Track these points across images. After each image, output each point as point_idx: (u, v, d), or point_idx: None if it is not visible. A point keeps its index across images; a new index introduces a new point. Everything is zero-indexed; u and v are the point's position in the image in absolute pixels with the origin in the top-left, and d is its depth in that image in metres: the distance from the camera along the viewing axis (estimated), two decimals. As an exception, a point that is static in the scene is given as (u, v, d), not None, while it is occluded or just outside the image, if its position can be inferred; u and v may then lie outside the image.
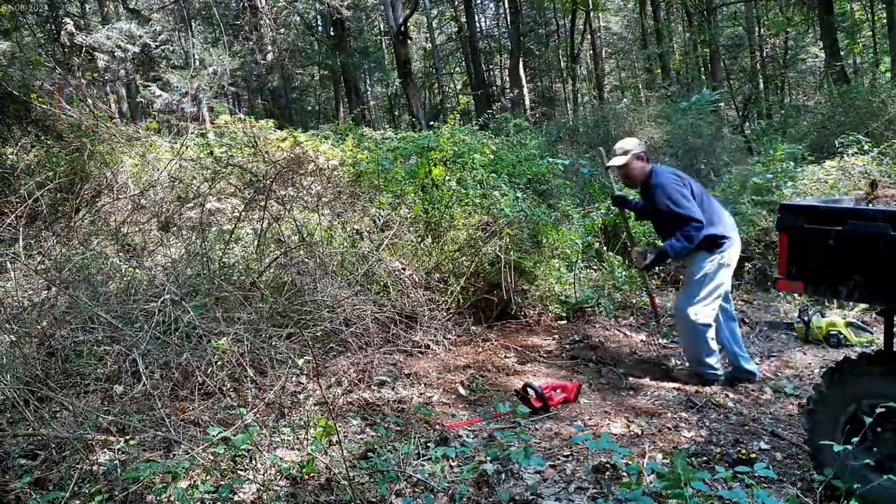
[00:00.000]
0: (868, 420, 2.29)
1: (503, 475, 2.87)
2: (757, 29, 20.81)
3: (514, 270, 5.40)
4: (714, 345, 4.13)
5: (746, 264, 6.29)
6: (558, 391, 3.89)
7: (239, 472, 2.61)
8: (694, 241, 3.97)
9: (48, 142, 6.45)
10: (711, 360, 4.13)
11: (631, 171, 4.21)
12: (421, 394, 3.92)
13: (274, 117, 9.96)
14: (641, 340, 5.13)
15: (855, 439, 2.31)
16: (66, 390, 3.17)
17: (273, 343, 3.81)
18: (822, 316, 4.94)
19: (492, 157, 7.99)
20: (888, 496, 2.33)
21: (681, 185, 4.08)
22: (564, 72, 24.48)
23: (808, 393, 3.00)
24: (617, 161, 4.20)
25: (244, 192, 6.68)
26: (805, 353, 4.68)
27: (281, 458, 2.71)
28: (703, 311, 4.05)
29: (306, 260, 5.02)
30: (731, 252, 4.08)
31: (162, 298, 3.63)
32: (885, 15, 15.86)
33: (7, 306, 3.81)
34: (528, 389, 3.76)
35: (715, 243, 4.03)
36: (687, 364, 4.36)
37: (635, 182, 4.28)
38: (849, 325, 4.83)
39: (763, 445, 3.26)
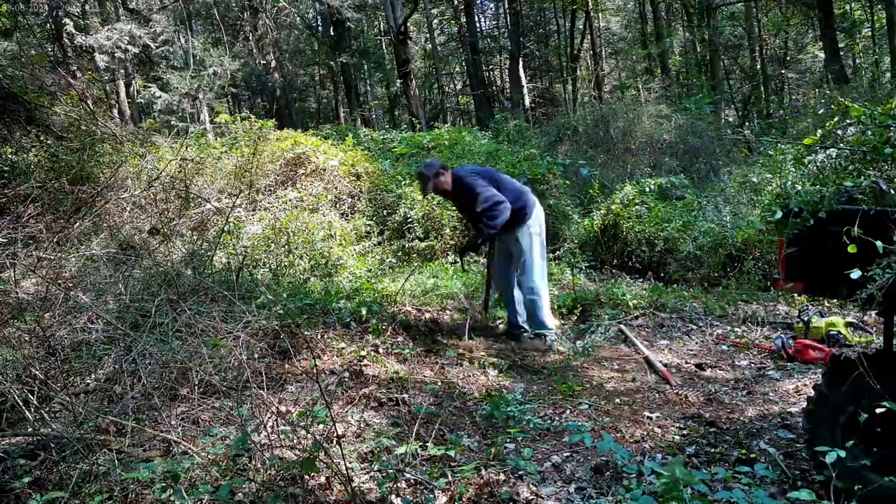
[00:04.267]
0: (868, 420, 2.30)
1: (503, 475, 2.87)
2: (757, 29, 20.80)
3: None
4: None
5: (746, 264, 6.29)
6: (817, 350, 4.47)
7: (239, 472, 2.61)
8: (500, 218, 4.56)
9: (48, 142, 6.46)
10: (549, 322, 4.89)
11: (439, 187, 4.82)
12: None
13: (274, 117, 9.95)
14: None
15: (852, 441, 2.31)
16: (65, 390, 3.17)
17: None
18: (822, 316, 4.95)
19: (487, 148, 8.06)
20: (888, 497, 2.33)
21: (477, 177, 4.71)
22: (564, 72, 24.45)
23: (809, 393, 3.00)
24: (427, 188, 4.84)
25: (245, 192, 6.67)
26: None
27: (281, 458, 2.71)
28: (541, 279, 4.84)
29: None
30: (538, 218, 4.82)
31: (160, 298, 3.63)
32: (884, 15, 15.85)
33: (7, 306, 3.82)
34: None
35: (523, 216, 4.69)
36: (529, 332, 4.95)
37: (447, 193, 4.91)
38: (848, 325, 4.83)
39: (763, 445, 3.26)
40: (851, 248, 2.23)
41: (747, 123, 17.84)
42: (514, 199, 4.67)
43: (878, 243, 2.16)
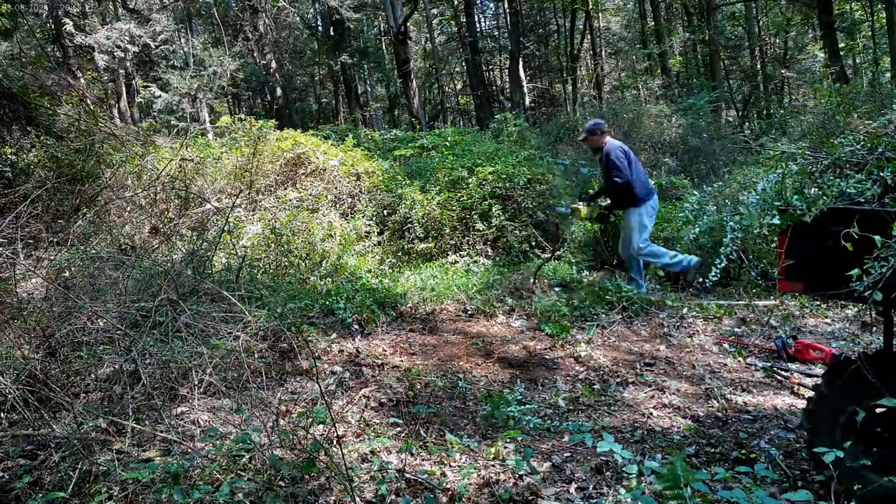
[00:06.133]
0: (868, 421, 2.29)
1: (503, 475, 2.87)
2: (757, 29, 20.81)
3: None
4: (659, 250, 6.20)
5: (746, 264, 6.29)
6: (817, 350, 4.40)
7: (239, 472, 2.61)
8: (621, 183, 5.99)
9: (48, 142, 6.46)
10: (668, 259, 6.13)
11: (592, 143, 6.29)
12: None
13: (274, 117, 9.94)
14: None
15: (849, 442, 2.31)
16: (66, 390, 3.17)
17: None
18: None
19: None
20: (888, 497, 2.33)
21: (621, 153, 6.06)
22: (564, 72, 24.47)
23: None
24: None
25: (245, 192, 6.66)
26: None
27: (281, 458, 2.71)
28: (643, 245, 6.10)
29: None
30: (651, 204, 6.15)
31: (160, 297, 3.63)
32: (884, 15, 15.86)
33: (7, 306, 3.81)
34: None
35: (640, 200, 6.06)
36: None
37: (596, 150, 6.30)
38: None
39: (763, 445, 3.27)
40: (849, 246, 2.23)
41: (747, 123, 17.84)
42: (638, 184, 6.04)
43: (877, 238, 2.17)
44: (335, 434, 2.70)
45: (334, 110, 26.77)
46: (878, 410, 2.47)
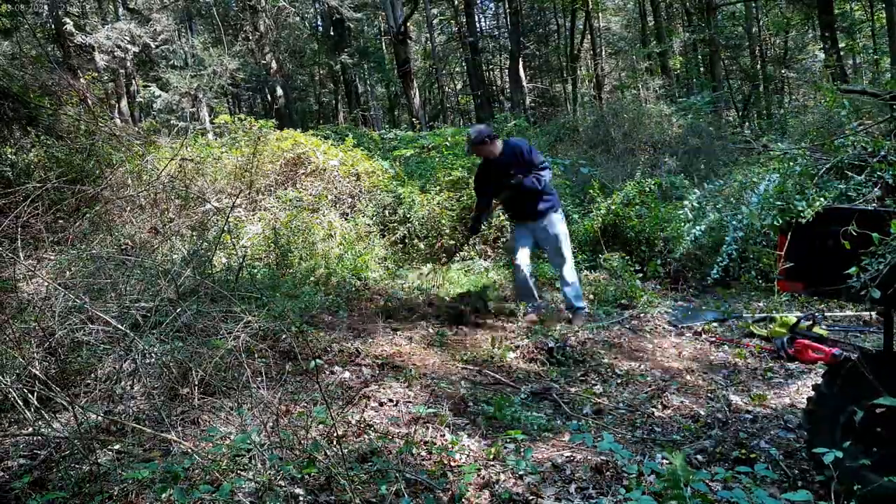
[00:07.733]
0: (867, 421, 2.29)
1: (502, 474, 2.87)
2: (757, 29, 20.82)
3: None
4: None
5: (747, 264, 6.29)
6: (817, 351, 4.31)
7: (239, 472, 2.61)
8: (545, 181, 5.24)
9: (48, 142, 6.46)
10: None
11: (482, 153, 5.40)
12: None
13: (274, 117, 9.93)
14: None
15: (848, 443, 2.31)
16: (66, 390, 3.17)
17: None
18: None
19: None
20: (888, 497, 2.33)
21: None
22: (564, 72, 24.46)
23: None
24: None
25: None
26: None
27: (281, 458, 2.71)
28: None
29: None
30: None
31: (160, 297, 3.63)
32: (884, 15, 15.86)
33: (7, 306, 3.82)
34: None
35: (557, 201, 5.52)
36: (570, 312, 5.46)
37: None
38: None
39: (763, 445, 3.27)
40: (847, 245, 2.23)
41: (747, 123, 17.85)
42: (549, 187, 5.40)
43: (875, 235, 2.17)
44: (335, 434, 2.71)
45: (334, 110, 26.77)
46: (878, 410, 2.47)
